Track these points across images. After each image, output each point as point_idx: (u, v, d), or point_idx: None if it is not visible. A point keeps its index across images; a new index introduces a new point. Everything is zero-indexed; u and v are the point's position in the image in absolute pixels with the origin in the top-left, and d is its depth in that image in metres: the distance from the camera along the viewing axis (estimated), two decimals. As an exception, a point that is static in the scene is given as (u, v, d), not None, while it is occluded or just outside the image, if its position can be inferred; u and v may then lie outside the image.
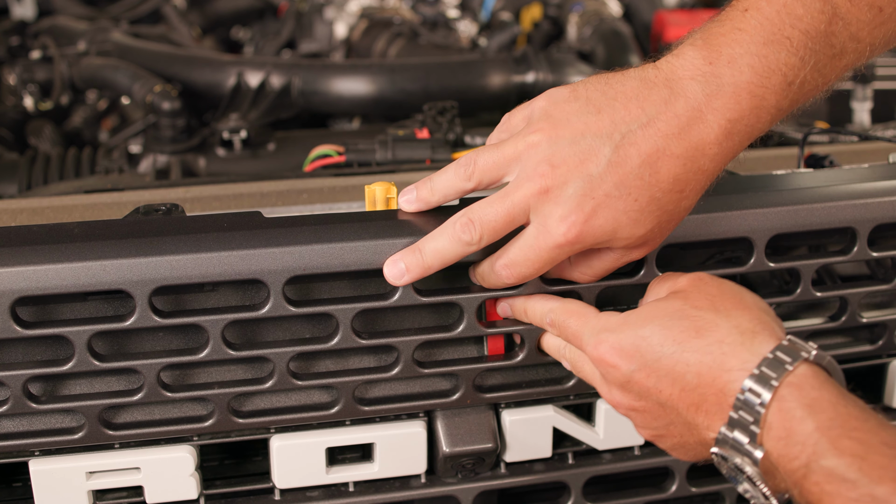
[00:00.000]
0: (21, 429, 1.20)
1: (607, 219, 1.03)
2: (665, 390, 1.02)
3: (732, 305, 1.03)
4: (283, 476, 1.27)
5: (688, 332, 1.01)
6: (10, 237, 1.11)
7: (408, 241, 1.13)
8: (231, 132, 1.80)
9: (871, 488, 0.85)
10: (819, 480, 0.88)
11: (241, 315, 1.15)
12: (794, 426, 0.91)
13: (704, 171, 1.04)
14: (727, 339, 0.99)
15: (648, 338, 1.03)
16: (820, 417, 0.91)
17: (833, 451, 0.88)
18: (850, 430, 0.89)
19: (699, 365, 0.99)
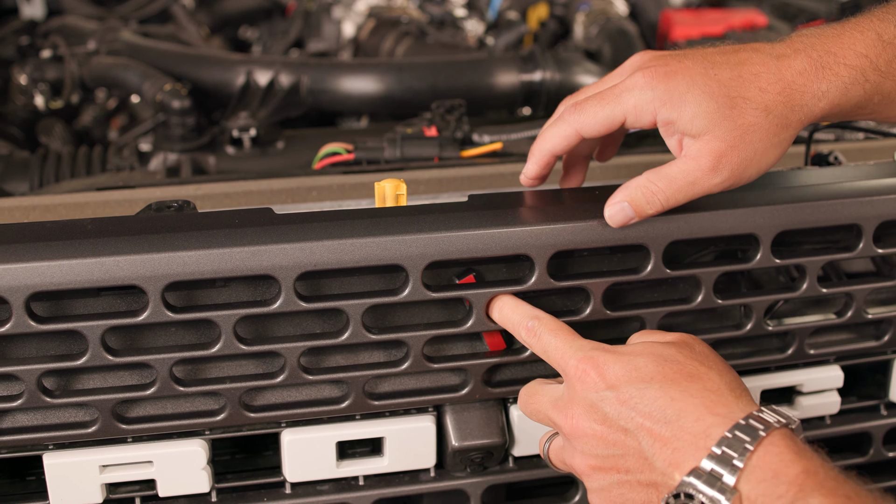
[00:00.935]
0: (35, 422, 1.21)
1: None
2: (637, 419, 1.03)
3: (723, 369, 1.07)
4: (294, 470, 1.28)
5: (680, 374, 1.04)
6: (25, 233, 1.13)
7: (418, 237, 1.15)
8: (241, 130, 1.82)
9: None
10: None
11: (253, 310, 1.16)
12: (782, 468, 0.94)
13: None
14: (717, 390, 1.02)
15: (641, 368, 1.05)
16: (805, 463, 0.94)
17: (820, 491, 0.91)
18: (830, 475, 0.93)
19: (683, 403, 1.01)
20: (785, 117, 1.11)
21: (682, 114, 1.08)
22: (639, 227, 1.20)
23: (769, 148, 1.11)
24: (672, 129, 1.11)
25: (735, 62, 1.11)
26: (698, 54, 1.12)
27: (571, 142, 1.17)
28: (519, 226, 1.17)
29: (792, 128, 1.12)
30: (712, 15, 2.38)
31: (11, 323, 1.11)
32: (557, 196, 1.23)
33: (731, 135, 1.08)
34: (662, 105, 1.09)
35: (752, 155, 1.10)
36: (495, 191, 1.49)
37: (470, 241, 1.16)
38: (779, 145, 1.12)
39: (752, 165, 1.11)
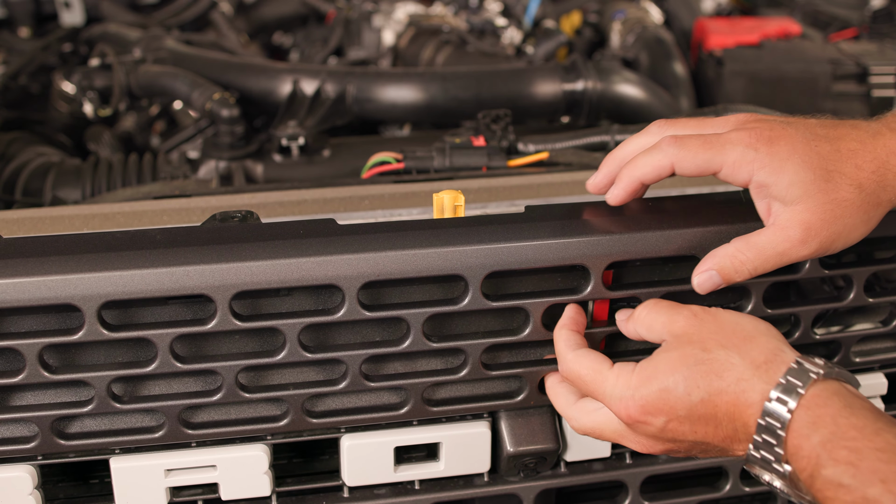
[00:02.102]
0: (103, 427, 1.25)
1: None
2: (700, 430, 1.08)
3: (739, 339, 1.09)
4: (352, 474, 1.31)
5: (709, 376, 1.07)
6: (96, 243, 1.16)
7: (479, 248, 1.18)
8: (290, 139, 1.85)
9: (864, 490, 0.93)
10: (821, 487, 0.96)
11: (318, 319, 1.19)
12: (801, 442, 0.99)
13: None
14: (744, 376, 1.05)
15: (673, 390, 1.08)
16: (822, 433, 0.98)
17: (831, 461, 0.96)
18: (847, 440, 0.96)
19: (726, 405, 1.05)
20: (876, 196, 1.12)
21: (780, 180, 1.10)
22: (690, 239, 1.22)
23: (858, 224, 1.12)
24: (765, 193, 1.12)
25: (834, 136, 1.13)
26: (801, 124, 1.14)
27: (663, 174, 1.17)
28: (577, 236, 1.20)
29: (882, 206, 1.13)
30: (747, 23, 2.40)
31: (84, 331, 1.14)
32: (612, 208, 1.25)
33: (823, 208, 1.09)
34: (762, 167, 1.10)
35: (842, 230, 1.11)
36: (545, 200, 1.52)
37: (529, 252, 1.19)
38: (867, 222, 1.13)
39: (840, 239, 1.12)
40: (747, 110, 1.75)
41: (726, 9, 2.87)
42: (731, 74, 2.15)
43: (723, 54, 2.19)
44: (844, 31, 2.56)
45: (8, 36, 2.73)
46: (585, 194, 1.53)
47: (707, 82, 2.26)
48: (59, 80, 2.30)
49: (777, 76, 2.15)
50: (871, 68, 2.12)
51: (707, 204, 1.27)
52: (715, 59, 2.21)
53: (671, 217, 1.23)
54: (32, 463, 1.24)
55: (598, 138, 1.76)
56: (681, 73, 2.22)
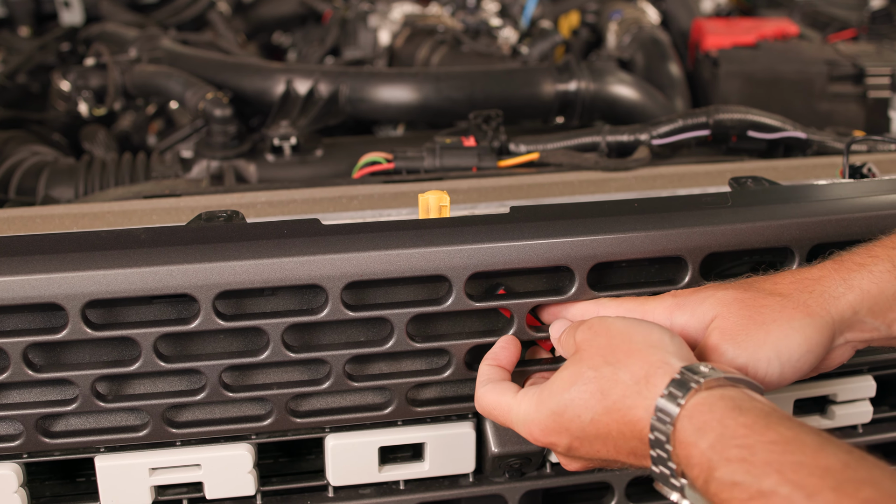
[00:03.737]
0: (88, 426, 1.25)
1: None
2: (601, 449, 1.08)
3: (624, 354, 1.07)
4: (337, 474, 1.31)
5: (595, 395, 1.06)
6: (81, 242, 1.16)
7: (462, 248, 1.17)
8: (282, 139, 1.85)
9: (759, 484, 0.90)
10: (717, 491, 0.93)
11: (301, 319, 1.19)
12: (690, 451, 0.97)
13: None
14: (628, 393, 1.04)
15: (565, 412, 1.08)
16: (709, 437, 0.96)
17: (722, 462, 0.93)
18: (737, 439, 0.94)
19: (616, 423, 1.05)
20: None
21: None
22: (677, 239, 1.22)
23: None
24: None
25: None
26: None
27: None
28: (561, 237, 1.20)
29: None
30: (744, 24, 2.39)
31: (68, 329, 1.15)
32: (598, 208, 1.25)
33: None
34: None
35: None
36: (534, 201, 1.52)
37: (513, 253, 1.19)
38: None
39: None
40: (740, 111, 1.75)
41: (725, 9, 2.87)
42: (726, 75, 2.15)
43: (719, 55, 2.19)
44: (843, 32, 2.56)
45: (8, 35, 2.74)
46: (575, 195, 1.54)
47: (703, 83, 2.26)
48: (57, 80, 2.31)
49: (773, 77, 2.14)
50: (868, 69, 2.12)
51: (693, 205, 1.27)
52: (711, 60, 2.21)
53: (657, 218, 1.23)
54: (17, 461, 1.25)
55: (589, 139, 1.76)
56: (676, 74, 2.22)
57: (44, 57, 2.55)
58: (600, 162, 1.65)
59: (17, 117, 2.25)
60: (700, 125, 1.74)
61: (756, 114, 1.76)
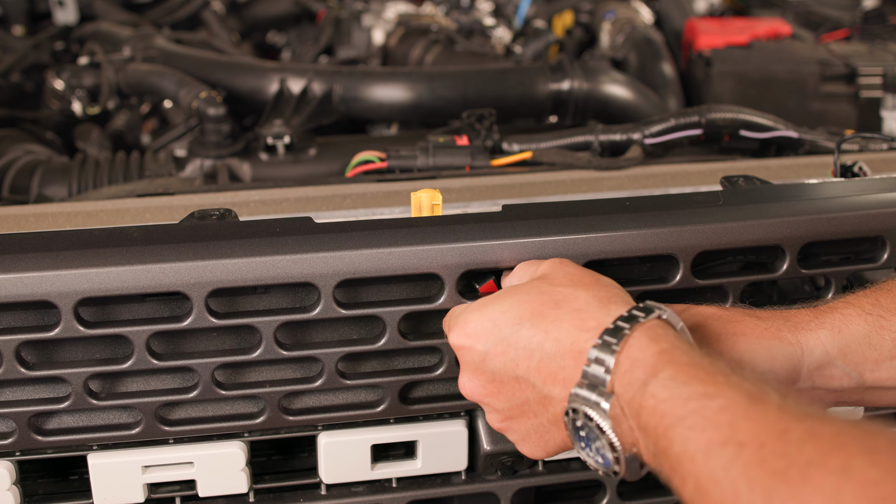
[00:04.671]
0: (81, 424, 1.25)
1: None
2: (522, 363, 1.05)
3: (591, 282, 1.08)
4: (329, 472, 1.31)
5: (546, 304, 1.05)
6: (73, 240, 1.16)
7: (454, 247, 1.18)
8: (275, 137, 1.85)
9: (704, 388, 0.89)
10: (656, 393, 0.92)
11: (294, 317, 1.19)
12: (638, 354, 0.96)
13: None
14: (585, 307, 1.04)
15: (506, 312, 1.07)
16: (661, 345, 0.96)
17: (669, 366, 0.93)
18: (689, 351, 0.95)
19: (558, 331, 1.03)
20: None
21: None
22: (668, 238, 1.23)
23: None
24: None
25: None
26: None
27: None
28: (553, 235, 1.20)
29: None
30: (737, 24, 2.40)
31: (60, 327, 1.15)
32: (590, 207, 1.25)
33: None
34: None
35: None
36: (527, 200, 1.52)
37: (504, 251, 1.19)
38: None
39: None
40: (732, 110, 1.76)
41: (719, 9, 2.88)
42: (719, 75, 2.16)
43: (712, 55, 2.20)
44: (836, 32, 2.56)
45: (2, 34, 2.73)
46: (567, 194, 1.55)
47: (696, 82, 2.27)
48: (51, 78, 2.31)
49: (765, 77, 2.15)
50: (860, 69, 2.12)
51: (685, 204, 1.27)
52: (704, 60, 2.21)
53: (648, 217, 1.24)
54: (10, 459, 1.25)
55: (582, 138, 1.76)
56: (669, 74, 2.22)
57: (38, 56, 2.55)
58: (593, 161, 1.66)
59: (11, 116, 2.26)
60: (692, 124, 1.75)
61: (748, 113, 1.76)
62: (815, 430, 0.81)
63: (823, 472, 0.76)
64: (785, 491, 0.77)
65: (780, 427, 0.82)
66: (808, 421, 0.82)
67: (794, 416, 0.83)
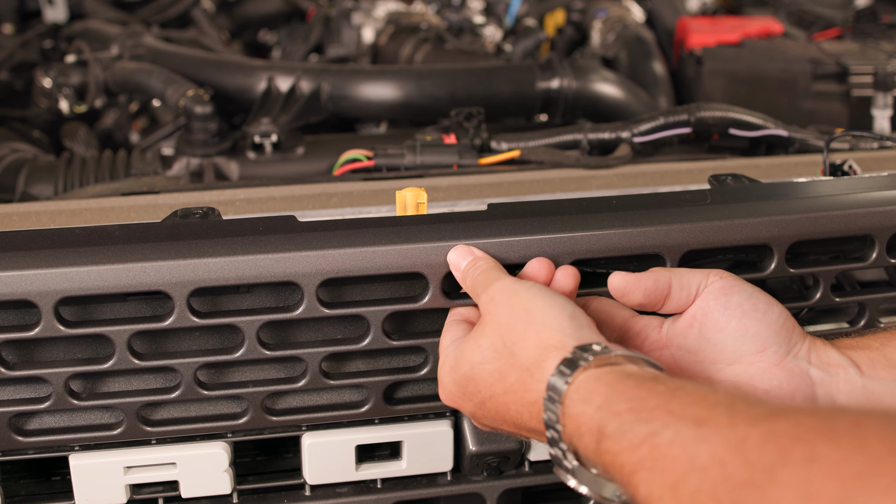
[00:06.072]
0: (62, 424, 1.24)
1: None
2: (504, 425, 1.09)
3: (520, 335, 1.06)
4: (313, 472, 1.30)
5: (493, 375, 1.07)
6: (54, 239, 1.15)
7: (438, 246, 1.17)
8: (262, 136, 1.84)
9: (648, 427, 0.88)
10: (608, 448, 0.91)
11: (276, 316, 1.18)
12: (579, 421, 0.95)
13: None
14: (524, 377, 1.04)
15: (468, 385, 1.10)
16: (596, 401, 0.94)
17: (611, 417, 0.92)
18: (625, 393, 0.93)
19: (515, 405, 1.05)
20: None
21: None
22: (654, 237, 1.22)
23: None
24: None
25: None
26: None
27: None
28: (538, 234, 1.19)
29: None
30: (729, 22, 2.39)
31: (41, 327, 1.14)
32: (576, 206, 1.24)
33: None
34: None
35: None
36: (515, 198, 1.51)
37: (489, 250, 1.18)
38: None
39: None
40: (721, 109, 1.75)
41: (711, 8, 2.87)
42: (710, 73, 2.15)
43: (703, 53, 2.19)
44: (828, 31, 2.56)
45: (-10, 32, 2.73)
46: (555, 192, 1.54)
47: (687, 81, 2.26)
48: (39, 77, 2.30)
49: (756, 75, 2.14)
50: (852, 68, 2.12)
51: (672, 202, 1.26)
52: (695, 58, 2.21)
53: (635, 215, 1.23)
54: (-9, 460, 1.24)
55: (570, 137, 1.75)
56: (660, 72, 2.21)
57: (27, 54, 2.54)
58: (581, 159, 1.65)
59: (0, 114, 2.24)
60: (681, 123, 1.74)
61: (738, 111, 1.76)
62: (772, 430, 0.80)
63: (789, 467, 0.75)
64: (753, 497, 0.76)
65: (736, 438, 0.81)
66: (763, 423, 0.81)
67: (746, 422, 0.82)
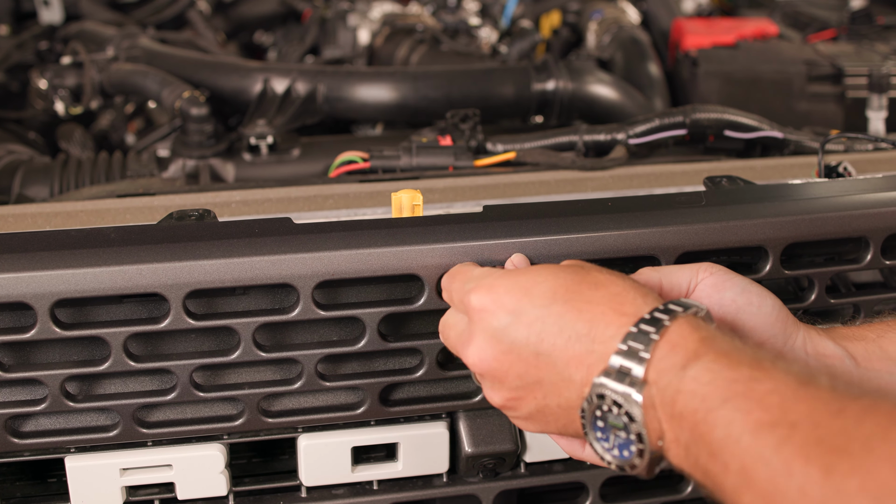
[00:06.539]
0: (58, 426, 1.24)
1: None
2: (547, 340, 0.99)
3: (623, 276, 1.04)
4: (309, 474, 1.31)
5: (582, 284, 1.01)
6: (50, 241, 1.15)
7: (433, 248, 1.17)
8: (258, 138, 1.84)
9: (749, 372, 0.87)
10: (697, 375, 0.89)
11: (272, 318, 1.19)
12: (678, 340, 0.93)
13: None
14: (622, 293, 0.99)
15: (541, 284, 1.01)
16: (702, 332, 0.93)
17: (712, 351, 0.90)
18: (727, 340, 0.92)
19: (591, 313, 0.98)
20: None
21: None
22: (650, 238, 1.22)
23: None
24: None
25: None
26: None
27: None
28: (533, 236, 1.19)
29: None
30: (724, 24, 2.39)
31: (36, 329, 1.14)
32: (571, 207, 1.25)
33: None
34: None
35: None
36: (510, 200, 1.52)
37: (484, 252, 1.18)
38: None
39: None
40: (716, 110, 1.75)
41: (707, 9, 2.87)
42: (705, 75, 2.15)
43: (698, 55, 2.19)
44: (823, 32, 2.55)
45: (-14, 33, 2.72)
46: (551, 194, 1.54)
47: (683, 83, 2.26)
48: (35, 78, 2.30)
49: (752, 77, 2.14)
50: (847, 69, 2.12)
51: (667, 204, 1.26)
52: (690, 60, 2.21)
53: (630, 217, 1.23)
54: (-13, 462, 1.24)
55: (566, 138, 1.75)
56: (655, 74, 2.21)
57: (22, 55, 2.54)
58: (577, 161, 1.65)
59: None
60: (677, 124, 1.74)
61: (733, 113, 1.76)
62: (872, 406, 0.79)
63: (887, 443, 0.74)
64: (847, 464, 0.75)
65: (835, 406, 0.80)
66: (863, 399, 0.81)
67: (847, 396, 0.81)
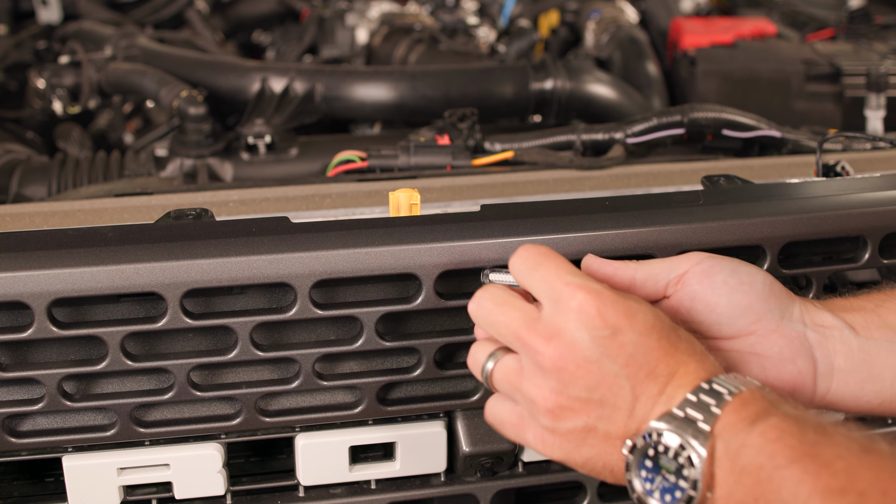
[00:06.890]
0: (55, 426, 1.24)
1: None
2: (632, 367, 0.98)
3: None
4: (307, 473, 1.30)
5: (676, 330, 1.02)
6: (47, 240, 1.15)
7: (431, 247, 1.17)
8: (256, 137, 1.84)
9: (815, 436, 0.88)
10: (764, 432, 0.90)
11: (269, 317, 1.18)
12: (749, 398, 0.94)
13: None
14: (705, 353, 1.02)
15: (645, 312, 1.01)
16: (770, 397, 0.95)
17: (778, 414, 0.92)
18: (791, 406, 0.94)
19: (677, 358, 0.99)
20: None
21: None
22: (648, 238, 1.22)
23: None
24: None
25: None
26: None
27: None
28: (532, 235, 1.19)
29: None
30: (722, 23, 2.39)
31: (33, 328, 1.13)
32: (569, 207, 1.25)
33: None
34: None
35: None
36: (508, 199, 1.51)
37: (483, 251, 1.18)
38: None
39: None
40: (714, 110, 1.75)
41: (705, 9, 2.87)
42: (703, 74, 2.15)
43: (696, 54, 2.19)
44: (821, 32, 2.56)
45: (-17, 33, 2.73)
46: (549, 193, 1.54)
47: (681, 82, 2.26)
48: (33, 77, 2.30)
49: (750, 76, 2.14)
50: (845, 69, 2.12)
51: (665, 204, 1.26)
52: (689, 59, 2.21)
53: (628, 216, 1.23)
54: (-16, 461, 1.24)
55: (564, 138, 1.75)
56: (653, 73, 2.21)
57: (20, 55, 2.54)
58: (575, 160, 1.65)
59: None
60: (675, 124, 1.74)
61: (731, 112, 1.76)
62: None
63: None
64: None
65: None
66: None
67: None
